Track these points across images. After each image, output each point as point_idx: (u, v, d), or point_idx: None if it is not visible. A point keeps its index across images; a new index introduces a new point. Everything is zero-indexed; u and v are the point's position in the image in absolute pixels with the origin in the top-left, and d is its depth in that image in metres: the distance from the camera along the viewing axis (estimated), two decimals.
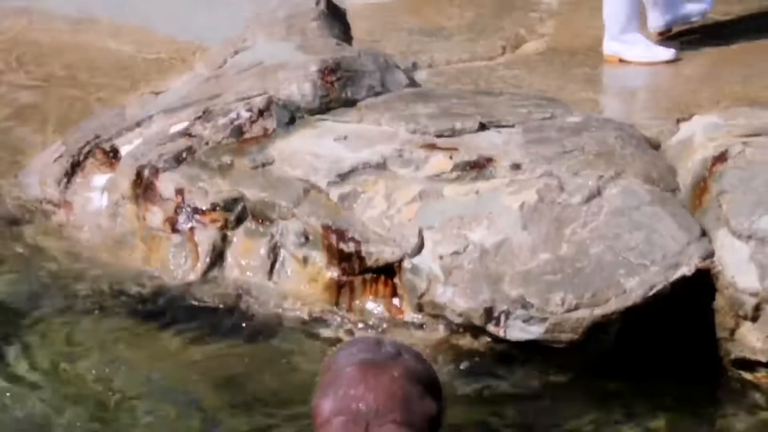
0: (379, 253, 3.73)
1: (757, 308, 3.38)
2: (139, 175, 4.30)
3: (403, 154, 4.12)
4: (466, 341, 3.58)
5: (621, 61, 5.31)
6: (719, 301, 3.46)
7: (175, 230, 4.14)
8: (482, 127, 4.25)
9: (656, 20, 5.35)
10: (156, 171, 4.28)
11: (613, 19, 5.22)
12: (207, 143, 4.41)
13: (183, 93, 5.02)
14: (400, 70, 4.89)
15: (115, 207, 4.32)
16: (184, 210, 4.15)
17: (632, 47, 5.25)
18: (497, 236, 3.63)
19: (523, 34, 5.80)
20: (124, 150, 4.56)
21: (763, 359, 3.38)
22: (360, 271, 3.77)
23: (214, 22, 5.82)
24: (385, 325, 3.71)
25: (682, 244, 3.50)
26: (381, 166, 4.08)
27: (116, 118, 4.85)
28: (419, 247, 3.68)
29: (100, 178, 4.48)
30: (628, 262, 3.46)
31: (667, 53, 5.25)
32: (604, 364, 3.37)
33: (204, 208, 4.12)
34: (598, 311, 3.37)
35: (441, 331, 3.61)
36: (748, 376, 3.39)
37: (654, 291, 3.40)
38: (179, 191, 4.19)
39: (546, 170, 3.87)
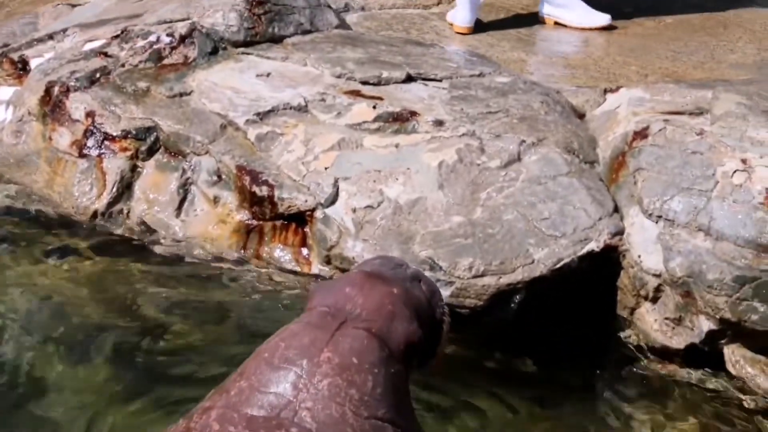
0: (292, 199, 3.66)
1: (658, 289, 3.40)
2: (48, 91, 4.14)
3: (326, 99, 4.03)
4: None
5: (556, 23, 5.28)
6: (623, 280, 3.47)
7: (82, 155, 4.00)
8: (409, 78, 4.19)
9: None
10: (67, 89, 4.12)
11: None
12: (123, 65, 4.26)
13: (101, 9, 4.84)
14: (332, 9, 4.78)
15: (19, 123, 4.16)
16: (93, 134, 4.01)
17: (569, 11, 5.24)
18: (413, 194, 3.58)
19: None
20: (33, 63, 4.40)
21: (657, 341, 3.42)
22: (271, 216, 3.69)
23: None
24: (291, 275, 3.64)
25: (594, 218, 3.49)
26: (302, 108, 3.99)
27: (27, 27, 4.66)
28: (333, 198, 3.61)
29: (6, 91, 4.31)
30: (540, 232, 3.45)
31: (603, 19, 5.27)
32: (504, 333, 3.36)
33: (115, 135, 3.99)
34: (504, 279, 3.36)
35: None
36: (642, 356, 3.42)
37: (561, 264, 3.39)
38: (90, 114, 4.04)
39: (468, 130, 3.82)
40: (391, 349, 2.44)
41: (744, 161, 3.42)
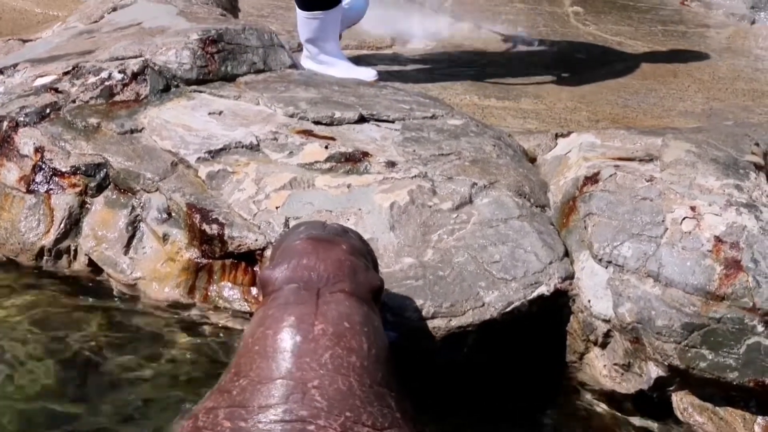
0: (242, 238, 3.62)
1: (608, 335, 3.41)
2: None
3: (278, 138, 4.02)
4: None
5: None
6: (573, 324, 3.48)
7: (30, 191, 3.94)
8: (362, 119, 4.19)
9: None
10: (16, 125, 4.07)
11: (310, 39, 5.13)
12: (74, 101, 4.22)
13: (53, 45, 4.79)
14: (285, 49, 4.78)
15: None
16: (42, 170, 3.95)
17: (332, 67, 5.11)
18: (364, 234, 3.54)
19: (414, 30, 5.77)
20: None
21: (605, 386, 3.42)
22: (221, 255, 3.65)
23: None
24: (239, 314, 3.60)
25: (544, 262, 3.50)
26: (254, 147, 3.97)
27: None
28: None
29: None
30: (490, 275, 3.45)
31: (369, 74, 5.11)
32: (454, 376, 3.35)
33: (64, 171, 3.94)
34: (455, 322, 3.35)
35: None
36: (591, 401, 3.42)
37: (512, 307, 3.39)
38: (39, 149, 3.99)
39: (420, 171, 3.83)
40: (366, 302, 2.45)
41: (693, 208, 3.46)
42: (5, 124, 4.07)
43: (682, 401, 3.37)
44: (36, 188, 3.93)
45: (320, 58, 5.14)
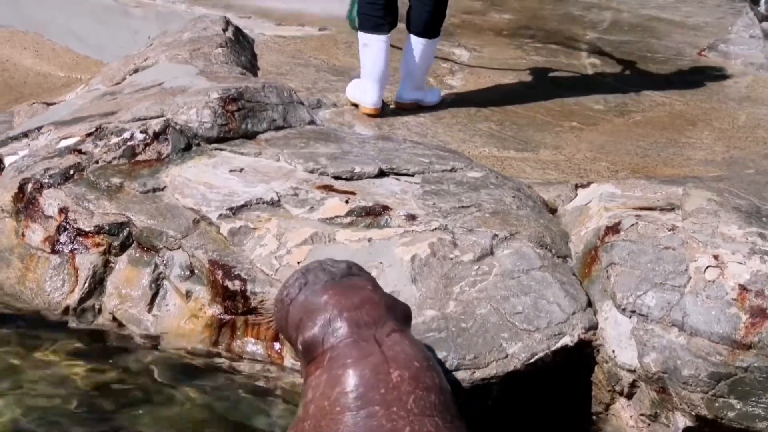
0: (264, 294, 3.63)
1: (633, 385, 3.39)
2: (21, 188, 4.12)
3: (298, 194, 4.04)
4: None
5: (418, 106, 5.48)
6: (598, 375, 3.46)
7: (55, 251, 3.97)
8: (381, 173, 4.21)
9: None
10: (40, 186, 4.11)
11: (426, 68, 5.45)
12: (97, 162, 4.26)
13: (76, 107, 4.85)
14: (304, 106, 4.83)
15: None
16: (66, 230, 3.99)
17: (429, 94, 5.53)
18: (386, 288, 3.54)
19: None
20: (8, 160, 4.39)
21: None
22: (243, 311, 3.66)
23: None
24: (264, 369, 3.60)
25: (567, 313, 3.49)
26: (275, 203, 3.99)
27: (2, 125, 4.66)
28: None
29: None
30: (513, 327, 3.44)
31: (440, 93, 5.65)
32: (480, 428, 3.32)
33: (88, 230, 3.97)
34: (478, 374, 3.33)
35: None
36: None
37: (535, 358, 3.37)
38: (63, 210, 4.02)
39: (441, 224, 3.84)
40: (408, 332, 2.42)
41: (716, 257, 3.44)
42: (30, 185, 4.11)
43: None
44: (60, 248, 3.96)
45: (420, 90, 5.48)
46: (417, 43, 5.31)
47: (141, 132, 4.36)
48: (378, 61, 5.21)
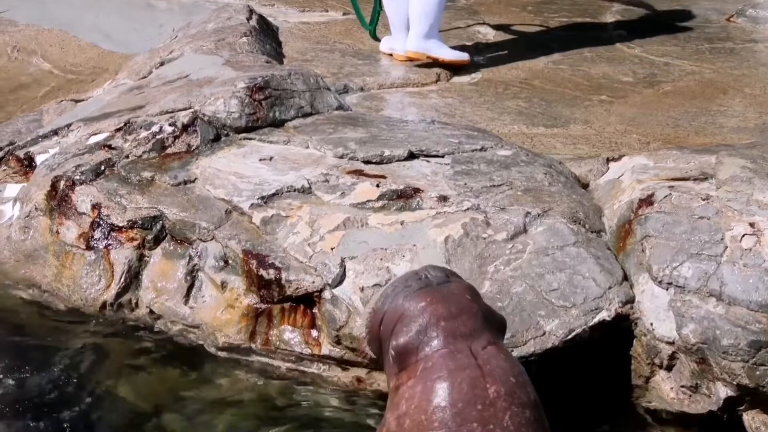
0: (299, 281, 3.64)
1: (672, 357, 3.37)
2: (54, 186, 4.15)
3: (329, 180, 4.04)
4: (385, 378, 3.50)
5: (428, 58, 5.50)
6: (636, 348, 3.44)
7: (89, 247, 4.00)
8: (411, 155, 4.20)
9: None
10: (72, 183, 4.14)
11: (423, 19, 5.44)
12: (127, 157, 4.29)
13: (104, 102, 4.88)
14: (331, 91, 4.83)
15: (27, 219, 4.16)
16: (100, 226, 4.01)
17: (440, 48, 5.53)
18: None
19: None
20: (39, 159, 4.42)
21: (674, 409, 3.36)
22: (279, 299, 3.67)
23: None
24: (301, 357, 3.61)
25: (603, 288, 3.47)
26: (306, 190, 3.99)
27: (32, 124, 4.70)
28: (341, 278, 3.60)
29: (13, 188, 4.33)
30: (549, 304, 3.42)
31: (464, 56, 5.69)
32: None
33: (121, 225, 3.99)
34: (516, 353, 3.31)
35: (359, 366, 3.53)
36: (661, 424, 3.37)
37: (573, 334, 3.36)
38: (96, 206, 4.05)
39: (473, 204, 3.82)
40: (504, 347, 2.37)
41: (752, 225, 3.41)
42: (62, 183, 4.14)
43: (754, 420, 3.30)
44: (95, 244, 3.99)
45: (430, 39, 5.49)
46: None
47: (170, 125, 4.37)
48: (401, 8, 5.24)
